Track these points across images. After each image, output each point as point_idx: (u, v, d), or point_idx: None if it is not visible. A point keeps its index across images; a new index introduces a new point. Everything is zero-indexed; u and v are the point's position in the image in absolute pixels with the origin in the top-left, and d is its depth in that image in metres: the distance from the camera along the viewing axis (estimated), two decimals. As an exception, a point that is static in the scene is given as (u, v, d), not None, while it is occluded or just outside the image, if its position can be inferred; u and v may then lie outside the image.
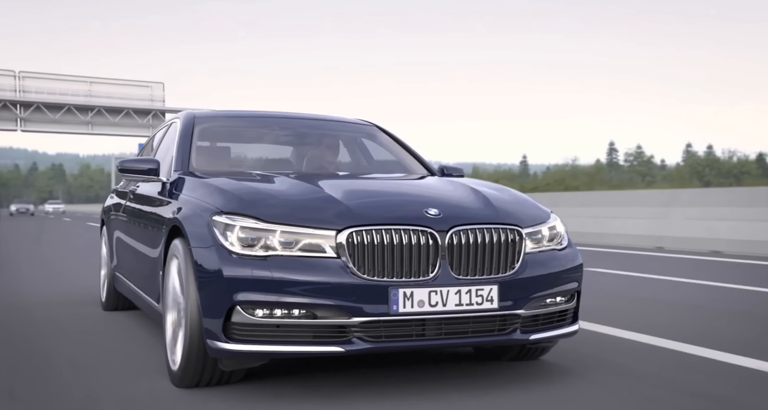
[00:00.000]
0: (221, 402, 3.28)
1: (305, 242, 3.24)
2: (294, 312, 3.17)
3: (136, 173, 4.50)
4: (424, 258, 3.27)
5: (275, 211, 3.33)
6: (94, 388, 3.55)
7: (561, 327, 3.70)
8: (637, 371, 3.86)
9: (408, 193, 3.79)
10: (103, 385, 3.59)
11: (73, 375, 3.81)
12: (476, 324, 3.36)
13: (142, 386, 3.57)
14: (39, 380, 3.70)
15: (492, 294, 3.34)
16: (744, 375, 3.82)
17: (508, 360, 4.10)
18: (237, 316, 3.18)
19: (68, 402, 3.33)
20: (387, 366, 3.96)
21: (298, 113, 5.49)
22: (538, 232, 3.68)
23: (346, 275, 3.17)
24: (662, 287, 7.55)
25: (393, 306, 3.18)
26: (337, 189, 3.62)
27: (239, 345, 3.19)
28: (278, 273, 3.16)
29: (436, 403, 3.27)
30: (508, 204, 3.75)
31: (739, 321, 5.54)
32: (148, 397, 3.38)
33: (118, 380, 3.69)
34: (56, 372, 3.86)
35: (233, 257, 3.20)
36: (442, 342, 3.33)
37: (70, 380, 3.72)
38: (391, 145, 5.26)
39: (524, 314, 3.45)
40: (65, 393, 3.47)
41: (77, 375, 3.82)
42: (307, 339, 3.19)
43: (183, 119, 4.95)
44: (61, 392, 3.50)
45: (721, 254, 11.54)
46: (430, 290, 3.24)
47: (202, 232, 3.35)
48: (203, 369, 3.40)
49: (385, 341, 3.23)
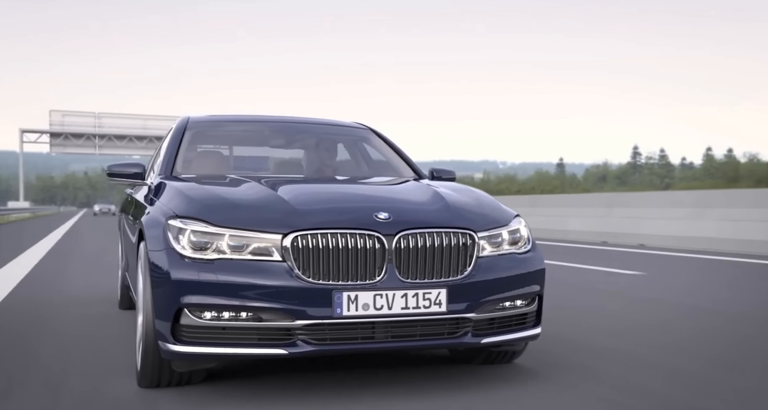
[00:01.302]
0: (177, 404, 3.36)
1: (254, 246, 3.29)
2: (240, 314, 3.23)
3: (122, 177, 4.63)
4: (370, 261, 3.29)
5: (225, 215, 3.39)
6: (59, 385, 3.66)
7: (520, 330, 3.67)
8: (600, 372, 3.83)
9: (364, 197, 3.80)
10: (70, 384, 3.70)
11: (56, 371, 3.93)
12: (425, 328, 3.36)
13: (108, 386, 3.66)
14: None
15: (440, 298, 3.34)
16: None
17: (479, 363, 4.08)
18: (185, 319, 3.24)
19: (29, 393, 3.45)
20: (353, 367, 3.99)
21: (293, 117, 5.56)
22: (498, 236, 3.66)
23: (290, 279, 3.21)
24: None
25: (337, 309, 3.21)
26: (294, 193, 3.66)
27: (187, 347, 3.26)
28: (224, 276, 3.22)
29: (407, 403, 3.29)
30: (467, 207, 3.74)
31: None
32: (111, 398, 3.46)
33: (87, 378, 3.79)
34: (43, 365, 3.99)
35: (182, 260, 3.27)
36: (390, 346, 3.34)
37: (52, 375, 3.84)
38: (384, 148, 5.27)
39: (475, 318, 3.44)
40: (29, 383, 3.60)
41: (62, 370, 3.94)
42: (252, 341, 3.24)
43: (177, 123, 5.06)
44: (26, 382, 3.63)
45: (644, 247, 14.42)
46: (376, 293, 3.26)
47: (158, 235, 3.43)
48: (160, 370, 3.48)
49: (330, 344, 3.26)
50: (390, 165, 5.08)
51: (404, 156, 5.20)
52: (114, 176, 4.64)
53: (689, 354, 4.36)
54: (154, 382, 3.54)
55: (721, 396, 3.47)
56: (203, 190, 3.75)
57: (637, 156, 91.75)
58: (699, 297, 7.05)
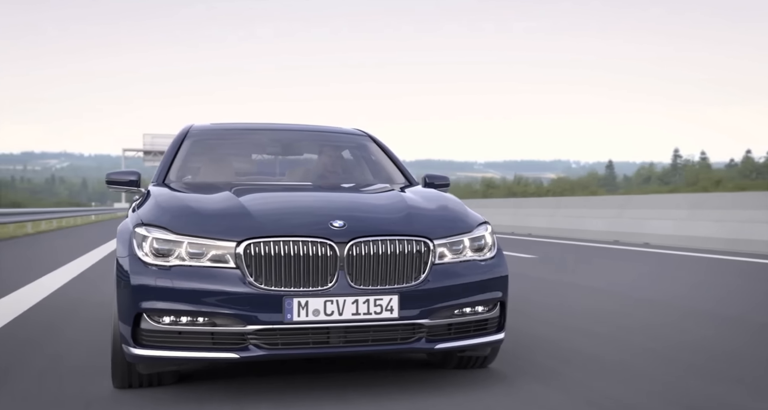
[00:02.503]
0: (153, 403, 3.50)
1: (212, 253, 3.41)
2: (197, 319, 3.35)
3: (119, 185, 4.80)
4: (321, 268, 3.38)
5: (185, 223, 3.52)
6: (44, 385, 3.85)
7: (480, 336, 3.71)
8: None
9: (325, 205, 3.85)
10: (47, 385, 3.89)
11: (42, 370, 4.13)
12: (377, 333, 3.43)
13: (90, 386, 3.83)
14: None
15: (392, 304, 3.41)
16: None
17: (453, 367, 4.13)
18: (144, 323, 3.38)
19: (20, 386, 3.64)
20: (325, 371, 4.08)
21: (294, 125, 5.66)
22: (459, 243, 3.70)
23: (242, 285, 3.33)
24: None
25: (287, 315, 3.31)
26: (257, 201, 3.78)
27: (147, 351, 3.40)
28: (179, 282, 3.34)
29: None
30: (429, 215, 3.79)
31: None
32: (83, 399, 3.63)
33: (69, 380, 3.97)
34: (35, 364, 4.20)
35: (143, 267, 3.41)
36: (342, 350, 3.42)
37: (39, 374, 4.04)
38: (380, 155, 5.34)
39: (429, 323, 3.49)
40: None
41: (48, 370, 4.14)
42: (206, 345, 3.37)
43: (179, 132, 5.23)
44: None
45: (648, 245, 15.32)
46: (326, 300, 3.34)
47: (126, 242, 3.58)
48: (129, 372, 3.64)
49: (282, 348, 3.36)
50: (383, 171, 5.15)
51: (398, 163, 5.25)
52: (111, 183, 4.82)
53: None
54: (125, 383, 3.69)
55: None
56: (173, 198, 3.89)
57: (678, 158, 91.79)
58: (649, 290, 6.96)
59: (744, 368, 4.15)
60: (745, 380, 3.88)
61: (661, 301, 6.86)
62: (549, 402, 3.48)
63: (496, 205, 28.72)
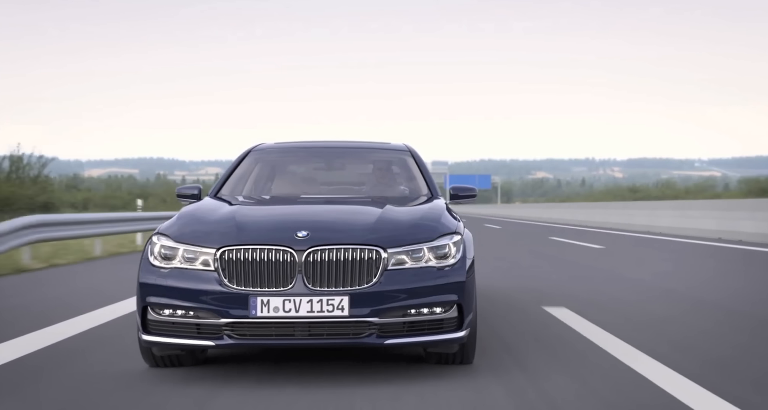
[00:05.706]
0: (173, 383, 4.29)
1: (201, 258, 4.14)
2: (187, 313, 4.10)
3: (185, 198, 5.66)
4: (282, 272, 4.00)
5: (184, 233, 4.30)
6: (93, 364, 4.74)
7: (434, 334, 4.16)
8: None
9: (300, 218, 4.37)
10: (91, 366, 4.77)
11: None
12: (331, 329, 4.00)
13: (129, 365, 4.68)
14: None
15: (343, 304, 3.96)
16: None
17: (435, 363, 4.59)
18: (149, 314, 4.18)
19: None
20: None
21: (344, 142, 6.35)
22: (419, 250, 4.17)
23: (218, 285, 4.03)
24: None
25: (252, 310, 3.97)
26: (249, 214, 4.49)
27: (153, 337, 4.20)
28: (174, 282, 4.11)
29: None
30: (395, 227, 4.29)
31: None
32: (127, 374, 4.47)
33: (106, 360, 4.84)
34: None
35: (150, 268, 4.22)
36: (301, 342, 4.04)
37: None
38: (413, 169, 5.89)
39: (379, 321, 4.01)
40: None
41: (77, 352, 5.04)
42: (193, 334, 4.11)
43: (244, 150, 6.07)
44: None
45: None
46: (285, 299, 3.96)
47: (147, 247, 4.40)
48: (150, 353, 4.45)
49: (249, 338, 4.04)
50: (412, 184, 5.71)
51: (427, 177, 5.77)
52: (181, 196, 5.70)
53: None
54: (153, 363, 4.51)
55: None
56: (189, 210, 4.70)
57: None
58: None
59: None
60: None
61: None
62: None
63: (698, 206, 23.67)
